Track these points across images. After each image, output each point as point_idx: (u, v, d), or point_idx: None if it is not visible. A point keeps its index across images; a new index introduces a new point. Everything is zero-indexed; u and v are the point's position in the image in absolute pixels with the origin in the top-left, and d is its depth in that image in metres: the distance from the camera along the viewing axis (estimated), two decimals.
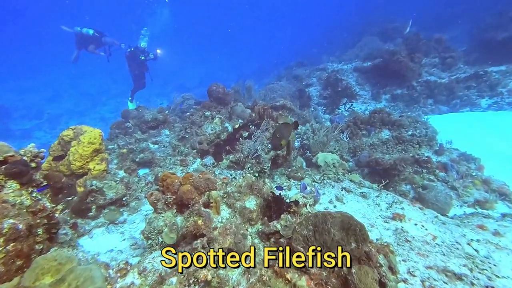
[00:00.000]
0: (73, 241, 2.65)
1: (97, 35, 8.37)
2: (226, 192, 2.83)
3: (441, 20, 14.09)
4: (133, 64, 8.31)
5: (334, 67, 10.31)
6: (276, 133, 2.30)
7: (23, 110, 16.33)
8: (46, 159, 3.53)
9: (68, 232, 2.62)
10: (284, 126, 2.38)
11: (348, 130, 5.74)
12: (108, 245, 3.00)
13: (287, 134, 2.37)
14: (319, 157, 4.35)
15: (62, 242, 2.50)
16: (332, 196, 3.44)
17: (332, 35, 19.78)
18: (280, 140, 2.31)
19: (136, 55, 8.10)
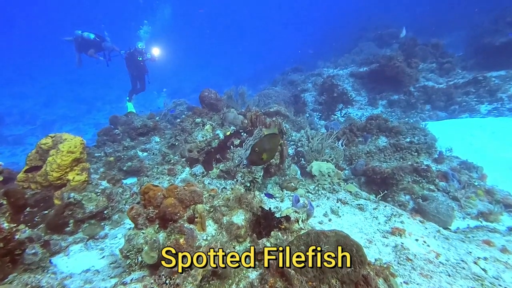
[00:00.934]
0: (44, 261, 2.41)
1: (98, 39, 8.29)
2: (212, 205, 2.62)
3: (436, 26, 14.16)
4: (131, 66, 8.25)
5: (330, 72, 10.22)
6: (255, 147, 2.02)
7: (16, 116, 16.04)
8: (22, 169, 3.30)
9: (38, 252, 2.38)
10: (267, 139, 2.11)
11: (344, 137, 5.57)
12: (85, 263, 2.76)
13: (271, 147, 2.09)
14: (313, 166, 4.16)
15: (30, 264, 2.26)
16: (327, 209, 3.24)
17: (327, 41, 19.85)
18: (260, 155, 2.04)
19: (134, 56, 8.04)
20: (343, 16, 24.55)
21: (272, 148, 2.09)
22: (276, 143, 2.17)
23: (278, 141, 2.22)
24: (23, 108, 17.03)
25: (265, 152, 2.04)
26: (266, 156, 2.09)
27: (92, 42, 8.26)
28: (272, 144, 2.10)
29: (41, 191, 3.15)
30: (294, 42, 31.62)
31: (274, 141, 2.11)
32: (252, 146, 2.07)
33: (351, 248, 1.87)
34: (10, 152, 11.98)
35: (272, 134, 2.19)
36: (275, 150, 2.20)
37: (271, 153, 2.12)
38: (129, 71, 8.41)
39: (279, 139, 2.27)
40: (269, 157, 2.16)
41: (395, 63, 7.50)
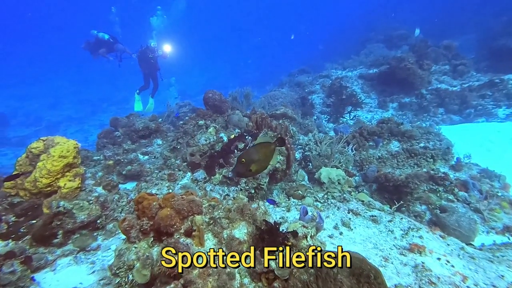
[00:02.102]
0: (23, 280, 2.18)
1: (111, 40, 8.43)
2: (212, 217, 2.38)
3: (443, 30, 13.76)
4: (143, 64, 8.31)
5: (338, 74, 9.93)
6: (241, 158, 1.76)
7: (22, 117, 16.17)
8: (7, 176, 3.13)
9: (17, 269, 2.16)
10: (256, 148, 1.84)
11: (354, 142, 5.29)
12: (72, 280, 2.54)
13: (260, 157, 1.82)
14: (322, 173, 3.89)
15: (6, 285, 2.05)
16: (338, 220, 2.97)
17: (334, 43, 19.56)
18: (247, 166, 1.77)
19: (146, 54, 8.10)
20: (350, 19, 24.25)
21: (262, 159, 1.83)
22: (267, 153, 1.89)
23: (271, 151, 1.93)
24: (29, 110, 17.16)
25: (253, 163, 1.78)
26: (255, 168, 1.83)
27: (105, 42, 8.39)
28: (262, 155, 1.84)
29: (29, 198, 2.98)
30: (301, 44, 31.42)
31: (264, 151, 1.84)
32: (239, 156, 1.76)
33: (368, 273, 1.62)
34: (13, 153, 12.00)
35: (264, 143, 1.91)
36: (267, 160, 1.91)
37: (261, 164, 1.86)
38: (142, 69, 8.49)
39: (273, 148, 1.95)
40: (259, 168, 1.90)
41: (406, 64, 7.19)
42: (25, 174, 2.87)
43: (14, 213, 2.89)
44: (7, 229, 2.78)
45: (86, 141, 12.21)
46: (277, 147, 2.03)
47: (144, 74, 8.57)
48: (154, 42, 8.15)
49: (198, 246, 2.20)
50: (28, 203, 2.91)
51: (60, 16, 36.18)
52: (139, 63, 8.43)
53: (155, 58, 8.25)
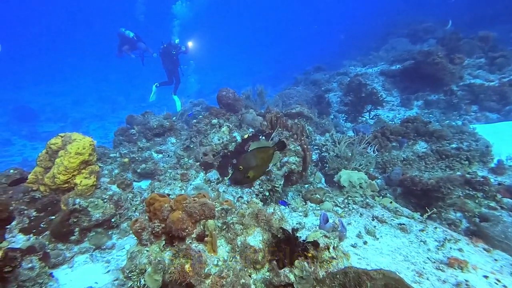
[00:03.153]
0: (41, 277, 2.16)
1: (135, 39, 8.70)
2: (225, 222, 2.24)
3: (475, 21, 12.81)
4: (166, 61, 8.45)
5: (357, 71, 9.52)
6: (238, 165, 1.68)
7: (50, 113, 16.88)
8: (33, 170, 3.16)
9: (36, 266, 2.15)
10: (254, 154, 1.76)
11: (376, 142, 4.98)
12: (88, 278, 2.52)
13: (258, 163, 1.75)
14: (342, 176, 3.66)
15: (25, 280, 2.03)
16: (361, 228, 2.74)
17: (352, 40, 18.89)
18: (245, 173, 1.70)
19: (169, 51, 8.24)
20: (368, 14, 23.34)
21: (260, 165, 1.77)
22: (265, 158, 1.82)
23: (270, 156, 1.85)
24: (56, 106, 17.91)
25: (251, 169, 1.72)
26: (253, 174, 1.78)
27: (129, 40, 8.67)
28: (260, 160, 1.76)
29: (49, 194, 2.99)
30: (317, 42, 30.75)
31: (262, 156, 1.77)
32: (235, 163, 1.71)
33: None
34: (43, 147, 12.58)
35: (262, 148, 1.82)
36: (265, 166, 1.85)
37: (259, 170, 1.80)
38: (164, 66, 8.62)
39: (271, 152, 1.89)
40: (257, 174, 1.85)
41: (434, 59, 6.70)
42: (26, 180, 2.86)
43: (35, 207, 2.92)
44: (29, 223, 2.81)
45: (106, 138, 12.57)
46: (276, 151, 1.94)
47: (167, 71, 8.69)
48: (177, 39, 8.28)
49: (211, 252, 2.07)
50: (47, 198, 2.93)
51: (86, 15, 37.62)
52: (162, 60, 8.56)
53: (177, 55, 8.37)
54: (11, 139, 11.82)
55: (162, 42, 8.38)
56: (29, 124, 13.81)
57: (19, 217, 2.75)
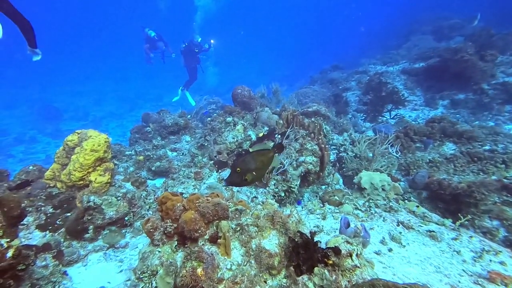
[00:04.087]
0: (55, 275, 2.15)
1: (156, 38, 8.86)
2: (239, 223, 2.13)
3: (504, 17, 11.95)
4: (189, 58, 8.56)
5: (377, 69, 9.15)
6: (236, 167, 1.63)
7: (72, 112, 17.57)
8: (50, 167, 3.21)
9: (50, 264, 2.13)
10: (253, 157, 1.69)
11: (398, 142, 4.70)
12: (101, 278, 2.49)
13: (257, 166, 1.69)
14: (362, 177, 3.45)
15: (39, 279, 2.01)
16: (385, 234, 2.54)
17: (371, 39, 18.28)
18: (243, 176, 1.65)
19: (191, 49, 8.33)
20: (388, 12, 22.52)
21: (259, 167, 1.70)
22: (265, 161, 1.74)
23: (270, 159, 1.78)
24: (78, 105, 18.62)
25: (249, 172, 1.65)
26: (251, 177, 1.71)
27: (150, 39, 8.84)
28: (260, 163, 1.70)
29: (65, 190, 3.01)
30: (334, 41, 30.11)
31: (262, 159, 1.70)
32: (233, 165, 1.63)
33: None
34: None
35: (262, 150, 1.75)
36: (265, 169, 1.78)
37: (258, 173, 1.73)
38: (186, 64, 8.72)
39: (271, 155, 1.81)
40: (256, 178, 1.77)
41: (463, 56, 6.26)
42: (33, 182, 2.87)
43: (52, 204, 2.95)
44: (45, 220, 2.84)
45: (124, 136, 12.88)
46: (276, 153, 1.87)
47: (189, 68, 8.79)
48: (199, 38, 8.36)
49: (224, 255, 1.97)
50: (64, 195, 2.95)
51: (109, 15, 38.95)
52: (184, 58, 8.65)
53: (199, 52, 8.44)
54: (36, 137, 12.39)
55: (183, 41, 8.45)
56: (53, 122, 14.41)
57: (36, 213, 2.79)
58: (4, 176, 2.97)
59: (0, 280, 1.49)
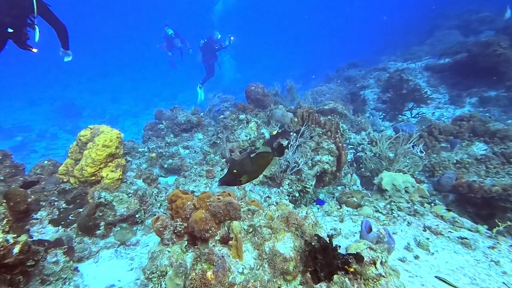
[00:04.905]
0: (65, 271, 2.11)
1: (173, 36, 8.96)
2: (252, 225, 2.00)
3: None
4: (207, 55, 8.59)
5: (398, 66, 8.74)
6: (233, 168, 1.58)
7: (90, 110, 18.12)
8: (64, 162, 3.23)
9: (60, 260, 2.10)
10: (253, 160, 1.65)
11: (421, 142, 4.40)
12: (111, 275, 2.44)
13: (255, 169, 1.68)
14: (383, 178, 3.22)
15: (50, 275, 1.98)
16: (410, 239, 2.33)
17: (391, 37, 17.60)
18: (238, 178, 1.63)
19: (210, 45, 8.36)
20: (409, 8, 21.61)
21: (256, 170, 1.70)
22: (264, 164, 1.73)
23: (269, 161, 1.77)
24: (96, 103, 19.17)
25: (245, 174, 1.64)
26: (246, 179, 1.71)
27: (168, 37, 8.94)
28: (258, 166, 1.69)
29: (78, 186, 3.01)
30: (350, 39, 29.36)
31: (261, 162, 1.70)
32: (230, 166, 1.59)
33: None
34: None
35: (263, 153, 1.71)
36: (262, 171, 1.77)
37: (254, 175, 1.74)
38: (204, 60, 8.74)
39: (271, 158, 1.80)
40: (250, 179, 1.78)
41: (495, 50, 5.79)
42: (39, 182, 2.86)
43: (65, 199, 2.96)
44: (58, 215, 2.85)
45: (139, 134, 13.11)
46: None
47: (207, 65, 8.79)
48: (219, 35, 8.35)
49: (236, 258, 1.85)
50: (77, 190, 2.95)
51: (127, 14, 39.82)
52: (202, 54, 8.65)
53: (220, 49, 8.45)
54: (57, 134, 12.86)
55: (202, 37, 8.44)
56: (73, 119, 14.92)
57: (49, 208, 2.79)
58: (20, 170, 3.01)
59: (8, 276, 1.44)
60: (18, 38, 2.86)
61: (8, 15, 2.70)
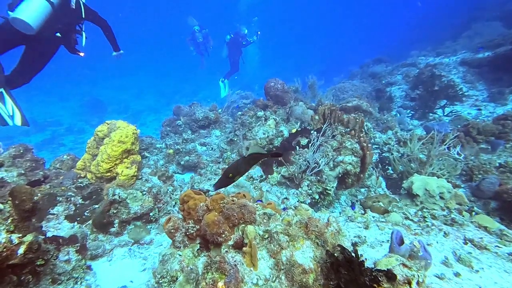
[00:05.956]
0: (77, 271, 2.07)
1: (197, 31, 9.06)
2: (268, 230, 1.84)
3: None
4: (233, 50, 8.63)
5: (430, 61, 8.12)
6: (228, 172, 1.56)
7: (115, 105, 18.78)
8: (82, 157, 3.26)
9: (72, 258, 2.06)
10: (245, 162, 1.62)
11: (458, 143, 3.98)
12: (125, 275, 2.40)
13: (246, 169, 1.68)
14: (415, 182, 2.92)
15: (61, 274, 1.95)
16: (448, 253, 2.05)
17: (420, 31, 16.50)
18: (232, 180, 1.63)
19: (237, 41, 8.38)
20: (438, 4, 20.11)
21: (247, 169, 1.70)
22: (253, 164, 1.71)
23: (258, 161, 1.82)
24: (120, 99, 19.84)
25: (238, 175, 1.65)
26: (238, 178, 1.73)
27: (193, 32, 9.06)
28: (250, 166, 1.71)
29: (95, 182, 3.02)
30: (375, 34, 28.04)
31: (254, 163, 1.69)
32: (225, 171, 1.58)
33: None
34: None
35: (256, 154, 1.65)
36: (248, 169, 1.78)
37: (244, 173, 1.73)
38: (230, 55, 8.77)
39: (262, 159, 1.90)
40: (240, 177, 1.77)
41: None
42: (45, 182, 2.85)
43: (81, 195, 2.97)
44: (74, 211, 2.86)
45: (160, 130, 13.40)
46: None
47: (233, 60, 8.80)
48: (246, 30, 8.35)
49: (250, 267, 1.70)
50: (93, 186, 2.96)
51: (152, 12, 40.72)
52: (228, 49, 8.66)
53: (247, 45, 8.45)
54: (84, 128, 13.48)
55: (228, 32, 8.41)
56: (99, 115, 15.54)
57: (66, 203, 2.81)
58: (40, 164, 3.08)
59: (14, 277, 1.40)
60: (68, 43, 3.17)
61: (61, 22, 2.97)
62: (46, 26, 2.81)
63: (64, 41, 3.15)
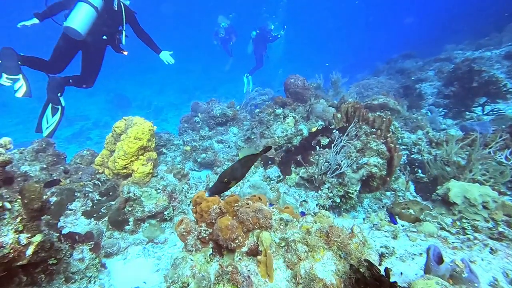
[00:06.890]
0: (90, 270, 2.04)
1: (221, 26, 9.18)
2: (284, 238, 1.69)
3: None
4: (259, 46, 8.66)
5: (468, 55, 7.43)
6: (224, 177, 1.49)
7: (139, 101, 19.36)
8: (100, 153, 3.27)
9: (86, 257, 2.04)
10: (241, 165, 1.56)
11: (502, 146, 3.54)
12: (138, 275, 2.35)
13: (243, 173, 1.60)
14: (452, 189, 2.60)
15: (75, 272, 1.93)
16: (497, 273, 1.77)
17: (454, 24, 15.26)
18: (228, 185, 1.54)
19: (264, 36, 8.41)
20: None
21: (244, 173, 1.64)
22: (250, 166, 1.68)
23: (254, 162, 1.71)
24: (144, 95, 20.41)
25: (235, 180, 1.58)
26: (234, 183, 1.63)
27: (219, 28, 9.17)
28: (246, 170, 1.64)
29: (112, 178, 3.02)
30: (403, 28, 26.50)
31: (249, 165, 1.66)
32: (221, 175, 1.50)
33: None
34: None
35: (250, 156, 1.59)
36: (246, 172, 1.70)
37: (241, 178, 1.68)
38: (256, 51, 8.79)
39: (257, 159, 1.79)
40: (237, 182, 1.69)
41: None
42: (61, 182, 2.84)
43: (99, 191, 2.98)
44: (91, 207, 2.88)
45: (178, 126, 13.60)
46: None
47: (259, 56, 8.79)
48: (273, 25, 8.36)
49: (265, 277, 1.56)
50: (110, 182, 2.96)
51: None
52: (254, 45, 8.67)
53: (273, 40, 8.48)
54: (109, 123, 14.04)
55: (254, 28, 8.38)
56: (123, 110, 16.09)
57: (83, 199, 2.83)
58: (62, 159, 3.14)
59: (24, 278, 1.37)
60: (113, 43, 3.46)
61: (106, 25, 3.25)
62: (93, 30, 3.08)
63: (110, 42, 3.43)
